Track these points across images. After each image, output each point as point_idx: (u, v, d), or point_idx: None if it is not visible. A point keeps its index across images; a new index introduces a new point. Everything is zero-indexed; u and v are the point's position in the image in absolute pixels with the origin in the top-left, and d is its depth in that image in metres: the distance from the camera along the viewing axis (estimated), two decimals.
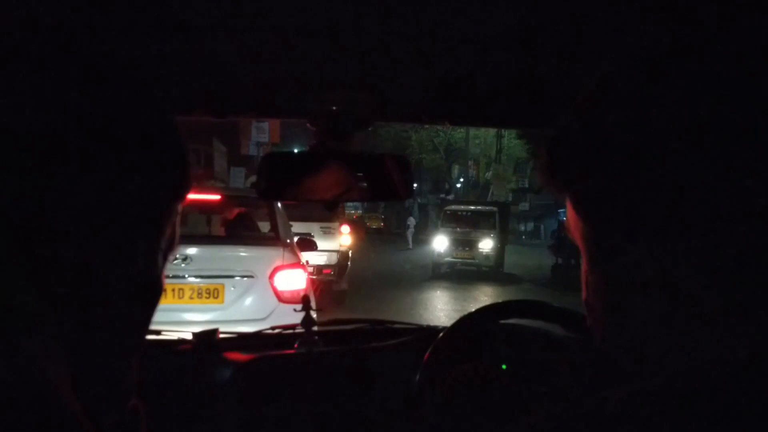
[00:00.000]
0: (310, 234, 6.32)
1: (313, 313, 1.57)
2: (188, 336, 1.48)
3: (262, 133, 19.04)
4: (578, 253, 0.52)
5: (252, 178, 13.07)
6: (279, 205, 4.81)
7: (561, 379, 1.34)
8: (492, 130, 26.97)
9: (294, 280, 4.22)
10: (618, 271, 0.46)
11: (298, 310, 1.59)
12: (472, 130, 29.17)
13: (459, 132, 30.74)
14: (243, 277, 4.14)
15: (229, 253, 4.29)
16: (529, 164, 29.80)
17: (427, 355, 1.30)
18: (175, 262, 3.93)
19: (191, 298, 4.05)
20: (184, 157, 0.54)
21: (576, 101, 0.49)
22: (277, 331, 1.64)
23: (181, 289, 4.04)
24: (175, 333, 1.52)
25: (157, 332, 1.55)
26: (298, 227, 6.71)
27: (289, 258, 4.30)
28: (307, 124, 1.21)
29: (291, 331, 1.61)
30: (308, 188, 1.19)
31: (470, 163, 32.68)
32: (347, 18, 0.81)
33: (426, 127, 27.50)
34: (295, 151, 1.70)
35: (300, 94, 1.14)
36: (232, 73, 1.06)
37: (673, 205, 0.42)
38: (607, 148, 0.45)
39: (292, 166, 1.22)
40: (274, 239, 4.55)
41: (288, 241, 4.65)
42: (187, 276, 4.03)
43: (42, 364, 0.39)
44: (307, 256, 5.22)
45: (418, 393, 1.28)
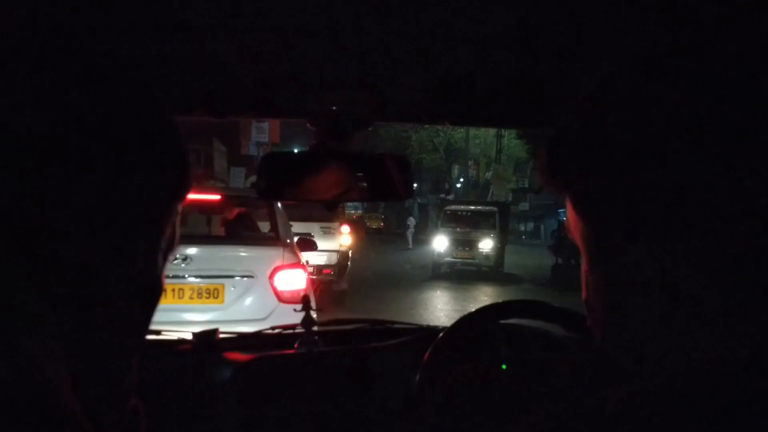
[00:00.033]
0: (310, 234, 6.32)
1: (313, 313, 1.57)
2: (188, 336, 1.48)
3: (262, 133, 19.04)
4: (578, 253, 0.52)
5: (252, 178, 13.07)
6: (279, 205, 4.81)
7: (561, 379, 1.34)
8: (492, 130, 26.97)
9: (294, 280, 4.23)
10: (618, 271, 0.46)
11: (298, 310, 1.59)
12: (472, 130, 29.17)
13: (459, 132, 30.74)
14: (243, 277, 4.14)
15: (229, 253, 4.29)
16: (529, 164, 29.81)
17: (427, 355, 1.30)
18: (175, 262, 3.93)
19: (191, 298, 4.05)
20: (184, 157, 0.54)
21: (576, 101, 0.49)
22: (277, 331, 1.65)
23: (181, 289, 4.04)
24: (175, 333, 1.52)
25: (157, 332, 1.55)
26: (298, 227, 6.71)
27: (289, 258, 4.30)
28: (307, 124, 1.21)
29: (291, 331, 1.61)
30: (308, 188, 1.19)
31: (470, 163, 32.68)
32: (347, 18, 0.81)
33: (426, 127, 27.49)
34: (295, 151, 1.70)
35: (300, 94, 1.14)
36: (232, 73, 1.06)
37: (673, 205, 0.42)
38: (607, 148, 0.45)
39: (292, 166, 1.22)
40: (274, 239, 4.55)
41: (288, 241, 4.65)
42: (187, 276, 4.03)
43: (42, 364, 0.39)
44: (307, 256, 5.23)
45: (418, 393, 1.28)
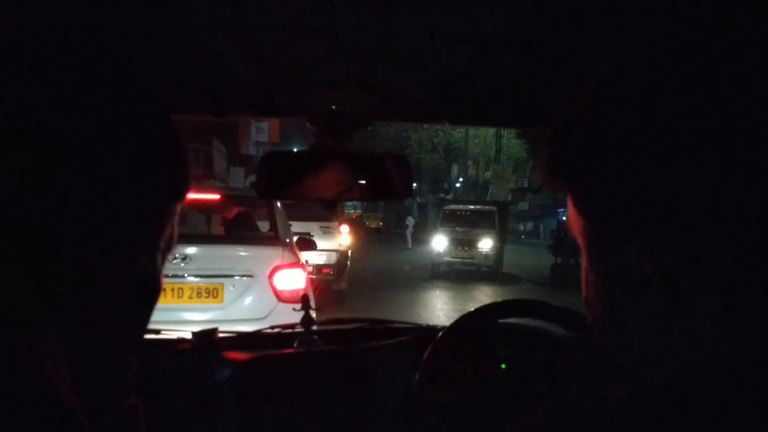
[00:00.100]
0: (309, 233, 6.32)
1: (312, 313, 1.57)
2: (188, 335, 1.48)
3: (261, 133, 19.02)
4: (577, 253, 0.52)
5: (251, 178, 13.07)
6: (278, 205, 4.81)
7: (560, 378, 1.34)
8: (491, 130, 26.98)
9: (293, 280, 4.23)
10: (617, 270, 0.46)
11: (298, 309, 1.59)
12: (472, 130, 29.16)
13: (458, 132, 30.75)
14: (242, 276, 4.14)
15: (229, 253, 4.29)
16: (529, 164, 29.81)
17: (426, 355, 1.30)
18: (175, 262, 3.93)
19: (190, 298, 4.05)
20: (184, 157, 0.54)
21: (577, 100, 0.49)
22: (277, 330, 1.65)
23: (181, 289, 4.04)
24: (175, 332, 1.52)
25: (157, 331, 1.55)
26: (298, 227, 6.71)
27: (288, 257, 4.30)
28: (307, 124, 1.21)
29: (290, 331, 1.61)
30: (307, 187, 1.19)
31: (469, 162, 32.66)
32: (347, 17, 0.81)
33: (425, 126, 27.53)
34: (295, 150, 1.70)
35: (300, 94, 1.14)
36: (232, 73, 1.06)
37: (673, 205, 0.42)
38: (608, 147, 0.45)
39: (292, 165, 1.22)
40: (274, 239, 4.55)
41: (287, 240, 4.65)
42: (186, 275, 4.03)
43: (42, 364, 0.39)
44: (306, 255, 5.23)
45: (418, 392, 1.28)
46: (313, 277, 7.01)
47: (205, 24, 0.83)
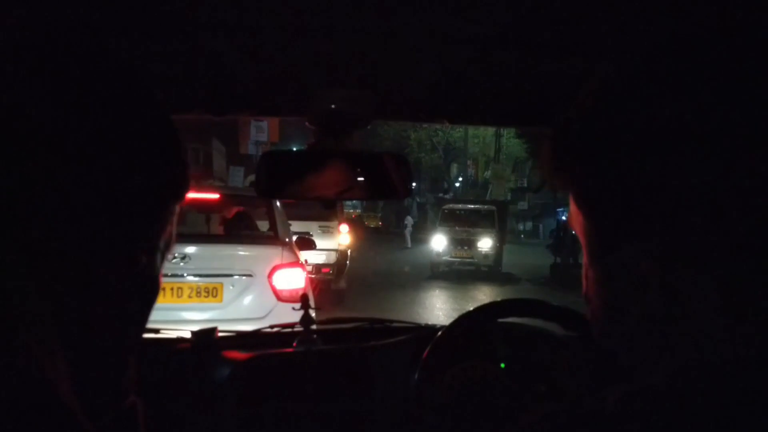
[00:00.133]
0: (309, 233, 6.32)
1: (311, 312, 1.57)
2: (187, 335, 1.48)
3: (261, 132, 19.01)
4: (577, 253, 0.52)
5: (251, 177, 13.06)
6: (278, 204, 4.81)
7: (560, 378, 1.34)
8: (491, 129, 26.95)
9: (293, 279, 4.23)
10: (617, 268, 0.47)
11: (297, 308, 1.59)
12: (471, 129, 29.14)
13: (458, 131, 30.73)
14: (242, 276, 4.14)
15: (228, 252, 4.29)
16: (528, 163, 29.81)
17: (425, 354, 1.30)
18: (174, 261, 3.93)
19: (190, 297, 4.05)
20: (184, 157, 0.54)
21: (577, 99, 0.49)
22: (276, 329, 1.65)
23: (180, 288, 4.04)
24: (174, 332, 1.52)
25: (156, 331, 1.55)
26: (297, 226, 6.71)
27: (287, 257, 4.30)
28: (306, 123, 1.21)
29: (290, 330, 1.61)
30: (307, 187, 1.19)
31: (469, 162, 32.65)
32: (347, 18, 0.81)
33: (425, 126, 27.50)
34: (294, 149, 1.70)
35: (299, 93, 1.14)
36: (232, 72, 1.06)
37: (673, 204, 0.42)
38: (608, 146, 0.45)
39: (291, 164, 1.22)
40: (273, 238, 4.55)
41: (287, 240, 4.65)
42: (185, 275, 4.03)
43: (42, 364, 0.39)
44: (305, 255, 5.23)
45: (417, 392, 1.28)
46: (313, 276, 7.01)
47: (205, 24, 0.83)
